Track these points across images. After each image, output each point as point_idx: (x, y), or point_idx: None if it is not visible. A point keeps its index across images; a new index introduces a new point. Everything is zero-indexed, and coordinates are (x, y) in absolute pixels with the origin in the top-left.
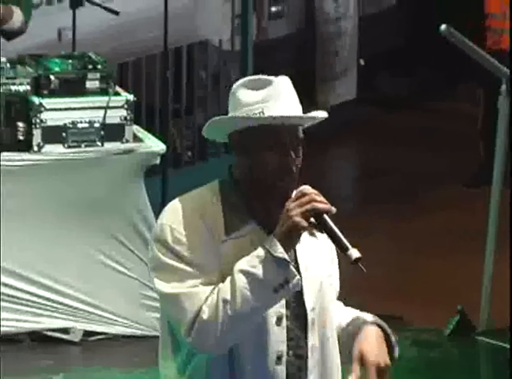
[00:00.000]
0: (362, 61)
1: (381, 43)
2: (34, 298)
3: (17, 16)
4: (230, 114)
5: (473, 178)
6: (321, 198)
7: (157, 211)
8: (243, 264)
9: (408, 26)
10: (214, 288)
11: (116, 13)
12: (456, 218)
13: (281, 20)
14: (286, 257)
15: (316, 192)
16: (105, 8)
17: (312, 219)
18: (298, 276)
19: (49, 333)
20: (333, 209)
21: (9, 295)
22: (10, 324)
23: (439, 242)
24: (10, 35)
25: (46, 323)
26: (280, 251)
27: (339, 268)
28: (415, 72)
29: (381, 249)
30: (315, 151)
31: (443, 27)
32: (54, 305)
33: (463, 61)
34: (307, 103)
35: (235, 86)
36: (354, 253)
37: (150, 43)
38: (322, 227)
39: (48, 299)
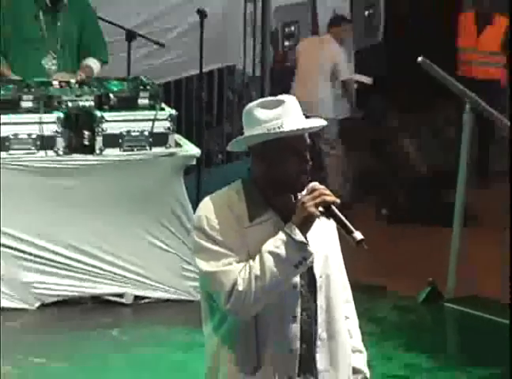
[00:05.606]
0: (370, 81)
1: (370, 71)
2: (95, 270)
3: (96, 68)
4: (251, 131)
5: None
6: (329, 192)
7: (193, 202)
8: (269, 245)
9: (392, 58)
10: (245, 265)
11: (162, 45)
12: None
13: (294, 51)
14: (304, 240)
15: (324, 187)
16: (152, 40)
17: (321, 209)
18: (313, 255)
19: (107, 297)
20: (338, 200)
21: (76, 267)
22: (76, 290)
23: (418, 227)
24: None
25: (104, 289)
26: (299, 235)
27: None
28: (396, 94)
29: (370, 233)
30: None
31: (420, 58)
32: (112, 274)
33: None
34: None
35: (249, 107)
36: (358, 235)
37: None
38: (331, 215)
39: (106, 270)
